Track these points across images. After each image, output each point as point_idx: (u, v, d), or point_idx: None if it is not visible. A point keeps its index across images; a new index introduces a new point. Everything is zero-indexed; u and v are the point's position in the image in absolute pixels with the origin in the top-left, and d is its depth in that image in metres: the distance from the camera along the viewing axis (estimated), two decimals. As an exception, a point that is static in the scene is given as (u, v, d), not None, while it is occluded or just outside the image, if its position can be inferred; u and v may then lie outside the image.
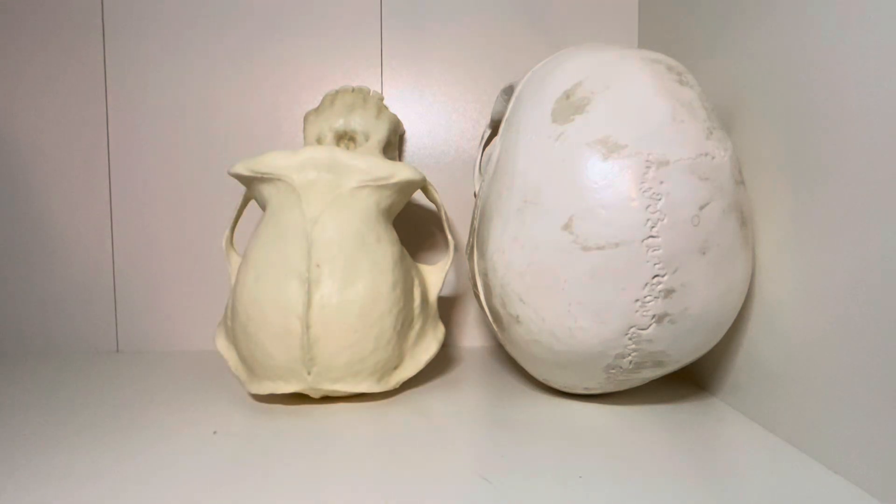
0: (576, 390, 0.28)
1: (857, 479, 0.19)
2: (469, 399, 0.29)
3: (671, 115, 0.23)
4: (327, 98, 0.36)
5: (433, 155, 0.42)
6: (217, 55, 0.41)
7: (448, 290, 0.42)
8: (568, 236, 0.23)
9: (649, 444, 0.23)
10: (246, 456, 0.21)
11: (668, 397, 0.29)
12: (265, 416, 0.26)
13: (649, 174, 0.22)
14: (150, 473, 0.20)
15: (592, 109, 0.24)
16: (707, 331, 0.24)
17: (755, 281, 0.25)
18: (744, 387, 0.26)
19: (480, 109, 0.41)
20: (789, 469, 0.20)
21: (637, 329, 0.23)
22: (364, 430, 0.24)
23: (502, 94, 0.31)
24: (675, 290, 0.22)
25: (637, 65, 0.24)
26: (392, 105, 0.41)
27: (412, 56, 0.41)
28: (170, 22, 0.41)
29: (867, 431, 0.18)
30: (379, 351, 0.27)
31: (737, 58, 0.27)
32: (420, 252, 0.42)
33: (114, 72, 0.41)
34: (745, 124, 0.26)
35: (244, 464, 0.21)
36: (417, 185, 0.30)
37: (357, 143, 0.34)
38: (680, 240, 0.22)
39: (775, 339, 0.24)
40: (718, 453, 0.22)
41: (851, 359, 0.19)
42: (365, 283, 0.27)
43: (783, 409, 0.23)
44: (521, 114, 0.27)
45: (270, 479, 0.19)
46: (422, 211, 0.42)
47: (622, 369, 0.24)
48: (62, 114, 0.41)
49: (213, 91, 0.41)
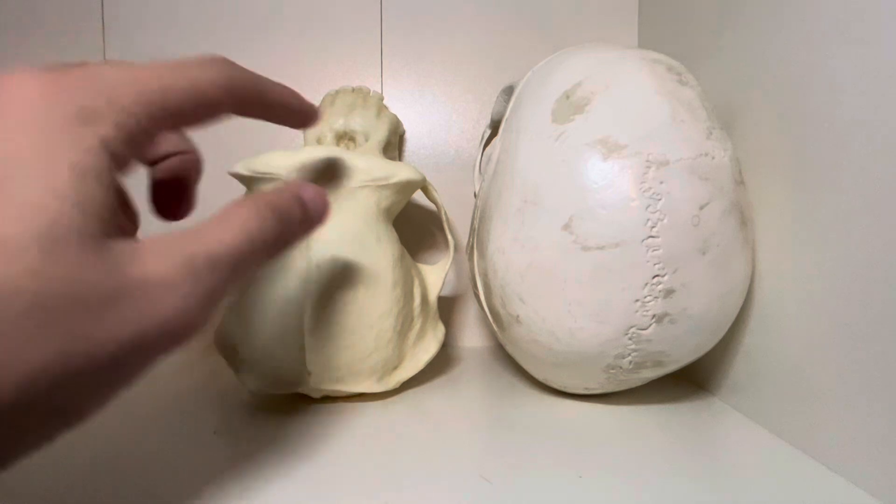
0: (576, 390, 0.28)
1: (857, 479, 0.19)
2: (469, 399, 0.29)
3: (671, 115, 0.23)
4: (327, 98, 0.36)
5: (433, 155, 0.42)
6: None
7: (448, 290, 0.42)
8: (568, 236, 0.23)
9: (649, 444, 0.23)
10: (246, 456, 0.21)
11: (668, 397, 0.29)
12: (265, 416, 0.26)
13: (649, 174, 0.22)
14: (149, 473, 0.20)
15: (592, 109, 0.24)
16: (707, 331, 0.24)
17: (755, 281, 0.25)
18: (744, 387, 0.26)
19: (480, 109, 0.41)
20: (789, 469, 0.20)
21: (637, 329, 0.23)
22: (364, 430, 0.24)
23: (502, 95, 0.31)
24: (675, 290, 0.22)
25: (637, 65, 0.24)
26: (392, 105, 0.41)
27: (412, 56, 0.41)
28: (169, 22, 0.41)
29: (867, 431, 0.18)
30: (379, 351, 0.27)
31: (737, 58, 0.27)
32: (420, 252, 0.42)
33: (114, 72, 0.41)
34: (745, 124, 0.26)
35: (244, 464, 0.21)
36: (417, 185, 0.30)
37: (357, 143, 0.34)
38: (680, 240, 0.22)
39: (775, 339, 0.24)
40: (718, 453, 0.22)
41: (851, 359, 0.19)
42: (365, 283, 0.27)
43: (783, 409, 0.23)
44: (521, 114, 0.27)
45: (270, 479, 0.19)
46: (422, 211, 0.42)
47: (622, 369, 0.24)
48: (62, 114, 0.41)
49: (213, 91, 0.41)
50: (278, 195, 0.17)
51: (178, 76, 0.15)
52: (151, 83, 0.14)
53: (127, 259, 0.13)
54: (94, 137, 0.13)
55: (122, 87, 0.13)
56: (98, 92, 0.13)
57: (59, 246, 0.11)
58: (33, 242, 0.11)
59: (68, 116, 0.12)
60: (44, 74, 0.13)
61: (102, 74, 0.13)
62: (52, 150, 0.12)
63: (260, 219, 0.16)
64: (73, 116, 0.12)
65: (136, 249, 0.13)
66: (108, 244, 0.12)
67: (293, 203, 0.17)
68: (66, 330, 0.11)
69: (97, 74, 0.13)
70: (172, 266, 0.13)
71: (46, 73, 0.13)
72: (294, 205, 0.17)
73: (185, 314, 0.13)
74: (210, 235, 0.14)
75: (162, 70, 0.15)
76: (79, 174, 0.12)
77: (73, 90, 0.13)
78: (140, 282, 0.13)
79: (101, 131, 0.13)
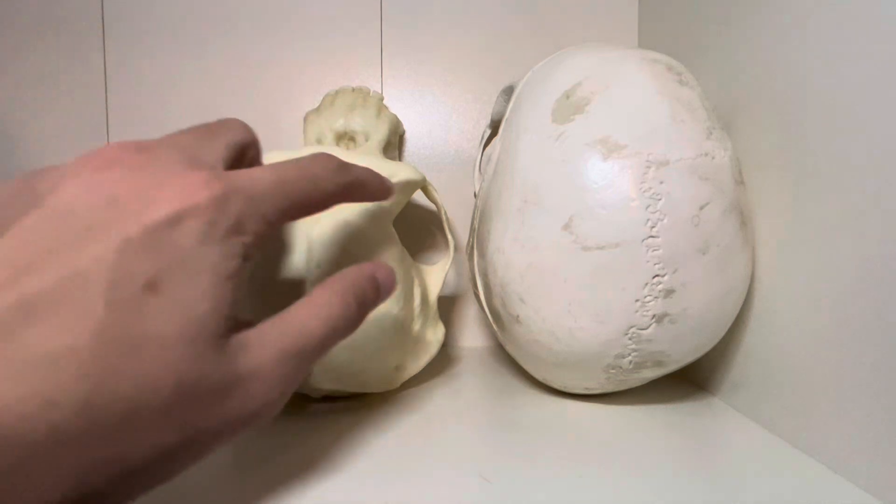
0: (576, 390, 0.28)
1: (857, 479, 0.19)
2: (469, 399, 0.29)
3: (671, 115, 0.23)
4: (327, 98, 0.36)
5: (433, 155, 0.42)
6: (217, 55, 0.41)
7: (448, 290, 0.42)
8: (568, 236, 0.23)
9: (649, 444, 0.23)
10: (245, 456, 0.21)
11: (668, 397, 0.29)
12: (265, 416, 0.26)
13: (649, 174, 0.22)
14: (150, 473, 0.20)
15: (592, 109, 0.24)
16: (707, 331, 0.24)
17: (755, 281, 0.25)
18: (743, 387, 0.26)
19: (480, 109, 0.41)
20: (789, 469, 0.20)
21: (637, 329, 0.23)
22: (364, 430, 0.24)
23: (502, 94, 0.31)
24: (675, 290, 0.22)
25: (637, 65, 0.24)
26: (392, 105, 0.41)
27: (412, 56, 0.41)
28: (170, 22, 0.41)
29: (867, 431, 0.18)
30: (379, 351, 0.27)
31: (737, 58, 0.27)
32: (420, 252, 0.42)
33: (114, 72, 0.41)
34: (745, 124, 0.26)
35: (243, 464, 0.21)
36: (417, 185, 0.30)
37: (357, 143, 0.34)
38: (680, 240, 0.22)
39: (775, 339, 0.24)
40: (718, 453, 0.22)
41: (851, 359, 0.19)
42: (365, 283, 0.27)
43: (783, 409, 0.23)
44: (521, 114, 0.27)
45: (270, 480, 0.19)
46: (422, 211, 0.42)
47: (622, 369, 0.24)
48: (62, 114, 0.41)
49: (214, 91, 0.41)
50: (359, 279, 0.18)
51: (308, 181, 0.16)
52: (290, 192, 0.16)
53: (239, 353, 0.14)
54: (240, 247, 0.14)
55: (268, 197, 0.15)
56: (251, 203, 0.15)
57: (197, 348, 0.13)
58: (181, 345, 0.13)
59: (227, 229, 0.14)
60: (213, 180, 0.14)
61: (256, 184, 0.15)
62: (209, 259, 0.13)
63: (344, 306, 0.17)
64: (230, 228, 0.14)
65: (245, 343, 0.14)
66: (228, 340, 0.14)
67: (370, 285, 0.19)
68: (186, 418, 0.13)
69: (252, 183, 0.15)
70: (268, 359, 0.15)
71: (215, 178, 0.14)
72: (370, 287, 0.19)
73: (270, 404, 0.15)
74: (300, 326, 0.16)
75: (294, 174, 0.16)
76: (222, 282, 0.14)
77: (234, 202, 0.14)
78: (245, 375, 0.14)
79: (246, 240, 0.14)
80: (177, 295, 0.13)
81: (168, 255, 0.13)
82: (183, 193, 0.13)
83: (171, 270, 0.13)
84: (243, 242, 0.14)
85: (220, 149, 0.16)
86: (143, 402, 0.12)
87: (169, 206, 0.13)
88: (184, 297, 0.13)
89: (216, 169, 0.15)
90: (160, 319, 0.12)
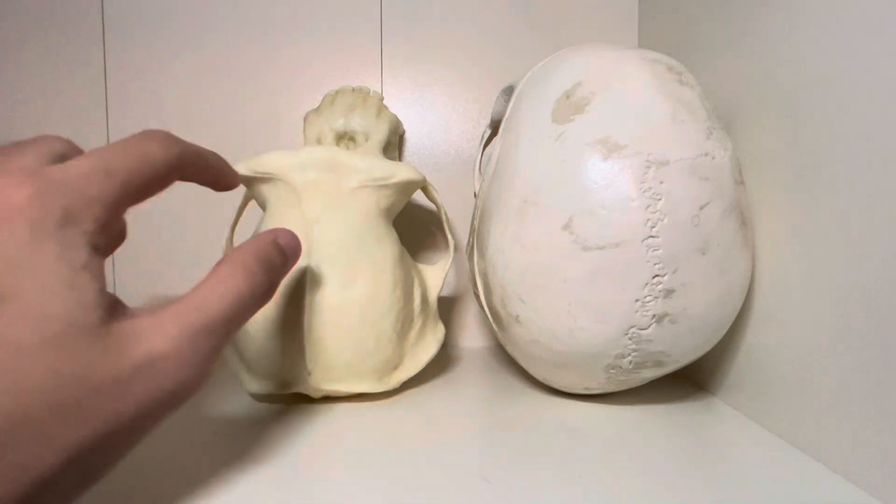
0: (576, 390, 0.28)
1: (857, 479, 0.19)
2: (469, 399, 0.29)
3: (671, 115, 0.23)
4: (327, 98, 0.36)
5: (433, 155, 0.42)
6: (217, 55, 0.41)
7: (448, 290, 0.42)
8: (568, 236, 0.23)
9: (649, 444, 0.23)
10: (245, 456, 0.21)
11: (668, 397, 0.29)
12: (265, 416, 0.26)
13: (649, 174, 0.22)
14: (149, 473, 0.20)
15: (592, 109, 0.24)
16: (707, 331, 0.24)
17: (755, 281, 0.25)
18: (743, 387, 0.26)
19: (480, 109, 0.41)
20: (789, 469, 0.20)
21: (637, 329, 0.23)
22: (364, 430, 0.24)
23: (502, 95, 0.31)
24: (675, 290, 0.22)
25: (637, 65, 0.24)
26: (392, 105, 0.41)
27: (412, 56, 0.41)
28: (170, 22, 0.41)
29: (867, 431, 0.18)
30: (379, 351, 0.27)
31: (737, 58, 0.27)
32: (420, 252, 0.42)
33: (114, 72, 0.41)
34: (745, 124, 0.26)
35: (243, 464, 0.21)
36: (417, 185, 0.30)
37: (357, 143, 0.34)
38: (680, 240, 0.22)
39: (775, 339, 0.24)
40: (718, 453, 0.22)
41: (851, 359, 0.19)
42: (365, 283, 0.27)
43: (783, 409, 0.23)
44: (521, 114, 0.27)
45: (270, 480, 0.19)
46: (422, 211, 0.42)
47: (622, 369, 0.24)
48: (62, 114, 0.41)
49: (214, 91, 0.41)
50: (259, 246, 0.19)
51: (135, 159, 0.16)
52: (117, 172, 0.15)
53: (129, 340, 0.14)
54: (80, 236, 0.14)
55: (93, 182, 0.15)
56: (74, 191, 0.14)
57: (69, 343, 0.13)
58: (47, 345, 0.12)
59: (56, 221, 0.14)
60: (26, 179, 0.14)
61: (74, 172, 0.15)
62: (47, 255, 0.13)
63: (248, 274, 0.17)
64: (60, 220, 0.14)
65: (135, 329, 0.14)
66: (109, 329, 0.14)
67: (273, 250, 0.19)
68: (91, 413, 0.13)
69: (70, 173, 0.14)
70: (172, 339, 0.15)
71: (26, 176, 0.14)
72: (274, 251, 0.19)
73: (189, 379, 0.15)
74: (204, 302, 0.16)
75: (119, 154, 0.16)
76: (73, 274, 0.13)
77: (55, 194, 0.14)
78: (146, 359, 0.14)
79: (84, 228, 0.14)
80: (24, 297, 0.13)
81: (3, 262, 0.13)
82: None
83: (11, 275, 0.13)
84: (83, 231, 0.14)
85: (31, 157, 0.15)
86: (20, 412, 0.12)
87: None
88: (31, 298, 0.13)
89: (25, 169, 0.14)
90: (14, 327, 0.12)
